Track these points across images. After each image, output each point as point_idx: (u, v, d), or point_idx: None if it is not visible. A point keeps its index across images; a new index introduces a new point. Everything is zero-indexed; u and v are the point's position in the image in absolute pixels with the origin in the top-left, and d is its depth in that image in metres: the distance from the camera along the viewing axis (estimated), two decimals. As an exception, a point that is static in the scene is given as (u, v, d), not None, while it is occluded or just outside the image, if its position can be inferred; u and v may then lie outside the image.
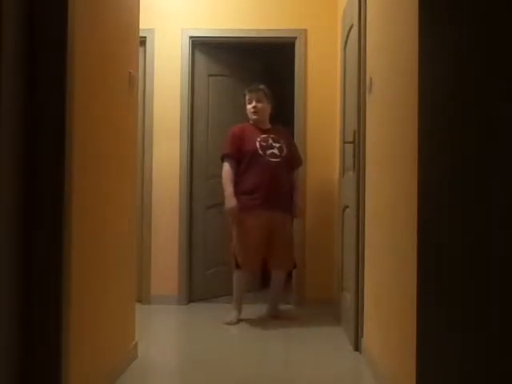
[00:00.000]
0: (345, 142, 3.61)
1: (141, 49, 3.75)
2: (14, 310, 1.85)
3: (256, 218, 3.79)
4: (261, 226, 3.80)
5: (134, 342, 2.97)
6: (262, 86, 4.05)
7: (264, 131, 3.97)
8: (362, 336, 3.11)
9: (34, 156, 1.92)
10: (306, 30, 4.48)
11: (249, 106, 4.00)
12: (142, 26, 3.17)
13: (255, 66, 5.09)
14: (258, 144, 3.86)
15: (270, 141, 3.91)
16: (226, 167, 3.87)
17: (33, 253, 1.91)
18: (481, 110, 1.86)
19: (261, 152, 3.85)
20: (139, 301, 4.16)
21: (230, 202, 3.81)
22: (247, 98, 4.02)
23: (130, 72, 2.85)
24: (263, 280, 4.85)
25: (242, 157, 3.86)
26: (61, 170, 1.94)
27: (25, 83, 1.89)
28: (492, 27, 1.87)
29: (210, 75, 4.70)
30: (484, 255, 1.84)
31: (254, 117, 3.98)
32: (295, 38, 4.49)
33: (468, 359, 1.84)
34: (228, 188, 3.83)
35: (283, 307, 4.20)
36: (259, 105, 3.98)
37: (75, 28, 2.01)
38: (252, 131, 3.94)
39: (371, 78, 2.95)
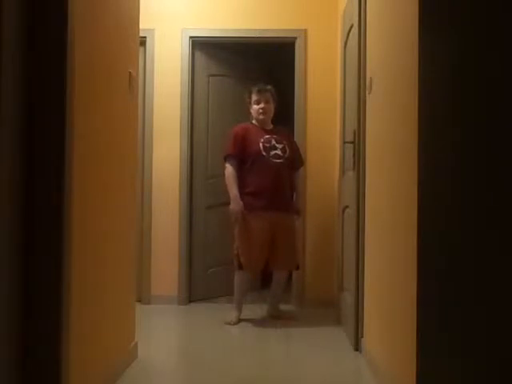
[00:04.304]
0: (345, 142, 3.61)
1: (141, 49, 3.75)
2: (14, 310, 1.85)
3: (260, 218, 3.79)
4: (265, 226, 3.79)
5: (133, 342, 2.97)
6: (269, 87, 4.03)
7: (267, 132, 3.96)
8: (362, 336, 3.11)
9: (34, 156, 1.92)
10: (305, 30, 4.48)
11: (256, 107, 3.97)
12: (142, 26, 3.16)
13: (255, 66, 5.09)
14: (261, 145, 3.86)
15: (273, 141, 3.90)
16: (230, 168, 3.86)
17: (33, 252, 1.91)
18: (481, 109, 1.86)
19: (264, 153, 3.84)
20: (139, 301, 4.16)
21: (236, 203, 3.80)
22: (255, 98, 3.98)
23: (129, 72, 2.85)
24: (263, 280, 4.85)
25: (245, 157, 3.85)
26: (61, 169, 1.94)
27: (25, 83, 1.89)
28: (492, 27, 1.87)
29: (210, 75, 4.70)
30: (484, 255, 1.84)
31: (262, 117, 3.96)
32: (295, 38, 4.49)
33: (468, 359, 1.84)
34: (233, 189, 3.82)
35: (283, 307, 4.20)
36: (267, 106, 3.97)
37: (75, 28, 2.01)
38: (255, 132, 3.93)
39: (371, 78, 2.95)
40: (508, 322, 1.81)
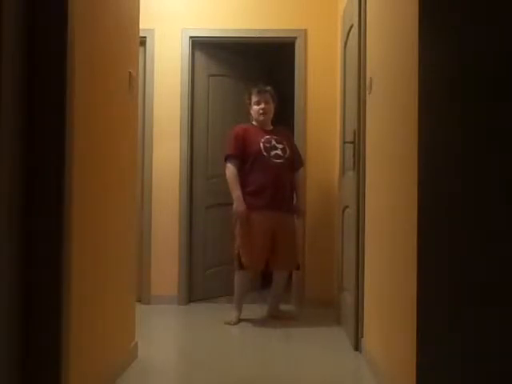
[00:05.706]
0: (345, 142, 3.61)
1: (141, 49, 3.75)
2: (14, 310, 1.85)
3: (261, 218, 3.79)
4: (266, 226, 3.79)
5: (133, 342, 2.97)
6: (268, 87, 4.03)
7: (267, 132, 3.96)
8: (362, 336, 3.11)
9: (34, 156, 1.92)
10: (305, 30, 4.48)
11: (256, 108, 3.97)
12: (142, 26, 3.16)
13: (255, 66, 5.09)
14: (261, 145, 3.86)
15: (273, 142, 3.91)
16: (231, 168, 3.86)
17: (32, 252, 1.91)
18: (481, 109, 1.87)
19: (265, 153, 3.84)
20: (139, 301, 4.16)
21: (240, 204, 3.80)
22: (255, 99, 3.99)
23: (129, 72, 2.85)
24: (263, 280, 4.85)
25: (245, 157, 3.85)
26: (61, 169, 1.94)
27: (25, 83, 1.89)
28: (492, 28, 1.87)
29: (210, 75, 4.70)
30: (484, 255, 1.84)
31: (262, 118, 3.97)
32: (295, 38, 4.49)
33: (468, 359, 1.84)
34: (236, 190, 3.82)
35: (283, 307, 4.20)
36: (267, 106, 3.98)
37: (75, 28, 2.01)
38: (255, 132, 3.94)
39: (371, 78, 2.95)
40: (508, 321, 1.81)
